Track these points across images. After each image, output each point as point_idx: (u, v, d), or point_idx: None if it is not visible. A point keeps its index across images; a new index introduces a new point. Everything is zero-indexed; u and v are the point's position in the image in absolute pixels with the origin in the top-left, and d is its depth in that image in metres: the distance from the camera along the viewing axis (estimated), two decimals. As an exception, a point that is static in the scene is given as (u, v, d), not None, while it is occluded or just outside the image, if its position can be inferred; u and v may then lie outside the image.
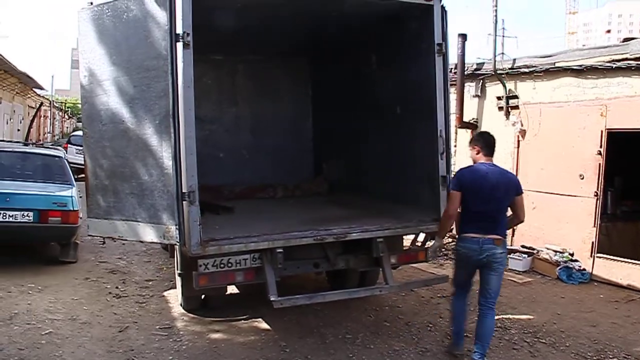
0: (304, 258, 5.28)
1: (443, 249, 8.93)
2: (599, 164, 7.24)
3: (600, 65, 7.36)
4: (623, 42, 7.59)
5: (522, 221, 4.94)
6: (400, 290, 5.76)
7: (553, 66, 7.91)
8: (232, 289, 6.54)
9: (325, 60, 7.81)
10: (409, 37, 5.72)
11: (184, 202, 4.44)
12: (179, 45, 4.37)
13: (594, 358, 5.07)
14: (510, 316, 6.03)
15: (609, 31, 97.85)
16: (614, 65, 7.21)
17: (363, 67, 6.71)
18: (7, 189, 6.95)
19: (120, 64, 4.71)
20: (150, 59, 4.51)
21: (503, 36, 9.25)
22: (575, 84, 7.72)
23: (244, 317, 5.85)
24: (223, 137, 7.89)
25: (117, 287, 6.72)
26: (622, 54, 7.20)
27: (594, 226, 7.25)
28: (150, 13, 4.50)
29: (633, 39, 7.45)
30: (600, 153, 7.27)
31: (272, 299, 4.77)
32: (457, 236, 4.94)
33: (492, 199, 4.72)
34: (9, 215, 6.71)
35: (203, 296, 5.95)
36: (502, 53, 10.09)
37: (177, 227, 4.48)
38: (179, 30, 4.36)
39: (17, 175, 7.60)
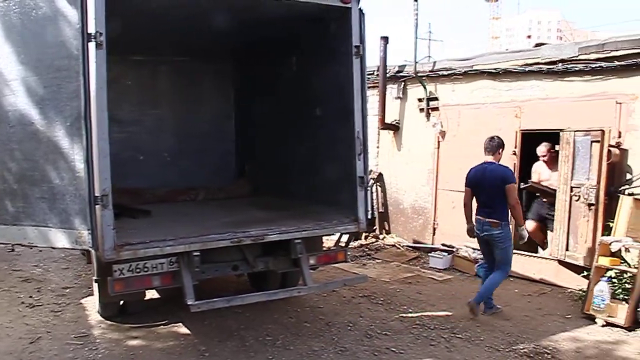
0: (223, 261, 5.35)
1: (366, 249, 9.23)
2: (514, 164, 7.65)
3: (514, 69, 7.80)
4: (535, 47, 8.06)
5: (512, 206, 6.06)
6: (319, 290, 5.92)
7: (471, 69, 8.31)
8: (153, 294, 6.55)
9: (248, 62, 7.88)
10: (327, 39, 5.88)
11: (96, 206, 4.41)
12: (91, 45, 4.35)
13: (506, 350, 5.37)
14: (429, 313, 6.29)
15: (529, 37, 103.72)
16: (527, 69, 7.66)
17: (285, 68, 6.84)
18: None
19: (29, 64, 4.63)
20: (61, 59, 4.45)
21: (430, 40, 9.64)
22: (491, 86, 8.14)
23: (164, 322, 5.86)
24: (144, 139, 7.84)
25: (31, 297, 6.57)
26: (534, 58, 7.65)
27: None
28: (61, 11, 4.44)
29: (544, 44, 7.95)
30: (515, 153, 7.69)
31: (189, 303, 4.81)
32: None
33: (485, 190, 6.12)
34: None
35: (122, 302, 5.94)
36: (429, 56, 10.53)
37: (90, 231, 4.45)
38: (91, 29, 4.32)
39: None
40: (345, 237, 9.39)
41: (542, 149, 7.55)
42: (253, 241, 5.18)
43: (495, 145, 6.29)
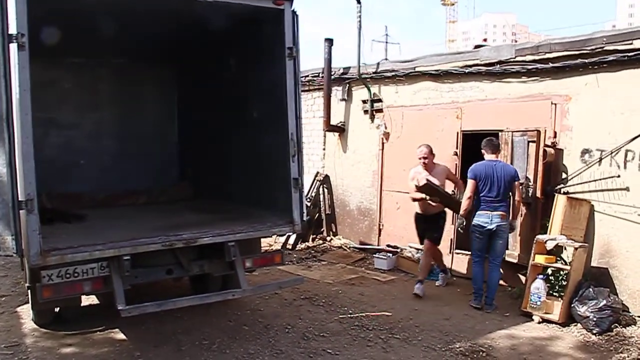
0: (157, 265, 5.38)
1: (313, 251, 9.34)
2: (456, 164, 7.85)
3: (455, 70, 8.00)
4: (475, 48, 8.28)
5: (519, 202, 6.80)
6: (254, 293, 5.98)
7: (414, 71, 8.48)
8: (93, 299, 6.52)
9: (188, 64, 7.94)
10: (262, 41, 5.98)
11: (21, 210, 4.41)
12: (13, 46, 4.31)
13: (443, 349, 5.50)
14: (369, 314, 6.39)
15: (485, 40, 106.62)
16: (467, 71, 7.86)
17: (223, 70, 6.91)
18: None
19: (-53, 66, 4.57)
20: (-19, 62, 4.42)
21: (387, 42, 9.81)
22: (433, 87, 8.32)
23: (100, 328, 5.83)
24: (84, 143, 7.83)
25: (-39, 305, 6.47)
26: (473, 59, 7.85)
27: (452, 224, 7.83)
28: (-20, 13, 4.42)
29: (483, 46, 8.18)
30: (456, 154, 7.88)
31: (119, 307, 4.83)
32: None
33: (496, 185, 6.67)
34: None
35: (57, 309, 5.90)
36: (386, 59, 10.70)
37: (14, 237, 4.44)
38: (12, 30, 4.30)
39: None
40: (292, 239, 9.61)
41: (423, 150, 7.22)
42: (185, 244, 5.22)
43: (496, 145, 6.93)
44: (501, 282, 7.40)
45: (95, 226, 5.88)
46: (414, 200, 7.37)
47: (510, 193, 6.72)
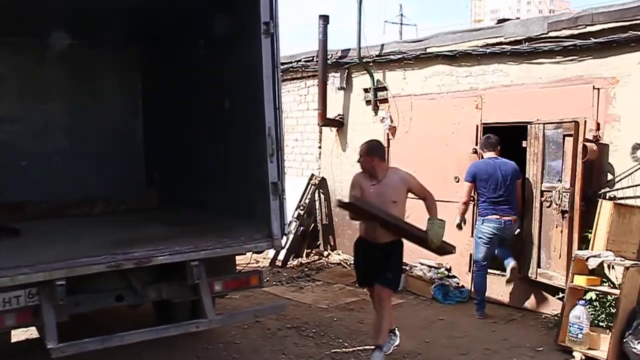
0: (103, 290, 4.93)
1: (306, 269, 8.91)
2: (476, 164, 7.37)
3: (474, 51, 7.55)
4: (498, 23, 7.80)
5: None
6: (223, 324, 5.51)
7: (424, 52, 8.04)
8: (31, 333, 6.08)
9: (156, 48, 7.55)
10: (233, 15, 5.57)
11: None
12: None
13: (458, 395, 5.08)
14: (368, 347, 5.91)
15: (518, 18, 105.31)
16: (488, 51, 7.41)
17: (192, 55, 6.52)
18: None
19: None
20: None
21: (401, 24, 9.39)
22: (448, 72, 7.90)
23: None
24: (28, 142, 7.42)
25: None
26: (496, 37, 7.40)
27: (472, 236, 7.36)
28: None
29: (507, 20, 7.69)
30: (475, 151, 7.42)
31: (49, 346, 4.36)
32: None
33: (500, 185, 6.73)
34: None
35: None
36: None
37: None
38: None
39: None
40: (282, 255, 9.17)
41: (361, 148, 5.82)
42: (136, 265, 4.77)
43: (494, 142, 6.90)
44: (532, 307, 6.94)
45: (28, 243, 5.43)
46: (352, 218, 6.12)
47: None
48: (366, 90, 8.89)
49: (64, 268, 4.52)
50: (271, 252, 9.35)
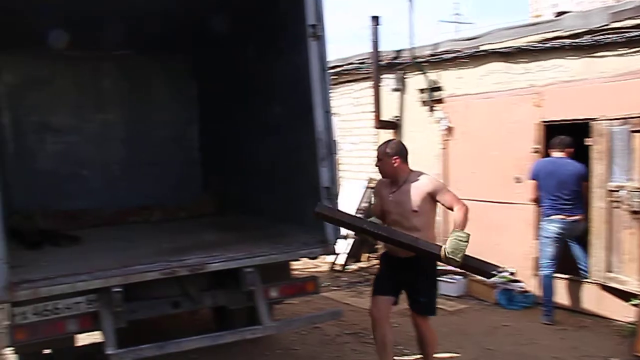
0: (159, 297, 4.98)
1: (366, 274, 8.78)
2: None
3: (530, 46, 7.28)
4: (557, 16, 7.52)
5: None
6: (278, 331, 5.47)
7: (478, 50, 7.83)
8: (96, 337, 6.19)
9: (210, 54, 7.58)
10: (282, 19, 5.58)
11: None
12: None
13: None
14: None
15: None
16: (546, 46, 7.13)
17: (244, 60, 6.54)
18: None
19: None
20: None
21: (457, 22, 9.21)
22: (503, 69, 7.64)
23: (97, 374, 5.48)
24: (87, 151, 7.58)
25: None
26: (554, 31, 7.11)
27: (536, 238, 7.10)
28: None
29: (566, 12, 7.41)
30: (537, 151, 7.17)
31: (108, 352, 4.43)
32: None
33: (562, 184, 6.61)
34: None
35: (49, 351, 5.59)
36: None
37: (-27, 269, 4.12)
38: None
39: None
40: (342, 259, 9.10)
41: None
42: (190, 272, 4.79)
43: (562, 142, 6.77)
44: (603, 313, 6.65)
45: (87, 250, 5.55)
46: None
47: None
48: (421, 91, 8.71)
49: (119, 275, 4.58)
50: (331, 257, 9.33)
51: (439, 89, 8.51)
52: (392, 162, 4.74)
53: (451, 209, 4.64)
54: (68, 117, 7.52)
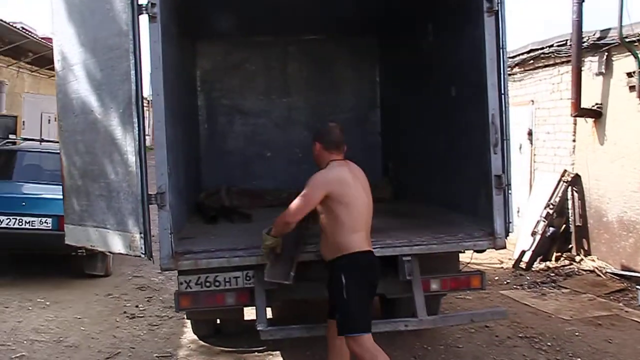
0: (316, 279, 4.86)
1: (552, 274, 8.05)
2: None
3: None
4: None
5: None
6: (435, 325, 5.07)
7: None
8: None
9: (391, 35, 7.38)
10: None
11: (150, 205, 4.33)
12: (143, 18, 4.27)
13: None
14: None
15: None
16: None
17: (421, 39, 6.24)
18: (24, 192, 7.34)
19: (88, 45, 4.66)
20: (113, 36, 4.38)
21: None
22: None
23: (261, 348, 5.59)
24: (272, 134, 7.80)
25: (137, 306, 6.82)
26: None
27: None
28: (111, -20, 4.42)
29: None
30: None
31: (259, 328, 4.49)
32: None
33: None
34: (25, 222, 7.11)
35: (218, 321, 5.87)
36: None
37: (142, 235, 4.35)
38: (142, 0, 4.23)
39: (38, 178, 8.04)
40: (527, 256, 8.44)
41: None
42: (345, 256, 4.66)
43: None
44: None
45: (253, 228, 5.61)
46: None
47: None
48: (630, 75, 7.65)
49: (273, 255, 4.61)
50: (516, 253, 8.73)
51: (651, 72, 7.42)
52: (314, 147, 4.58)
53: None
54: (256, 101, 7.78)
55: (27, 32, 11.80)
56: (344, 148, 4.58)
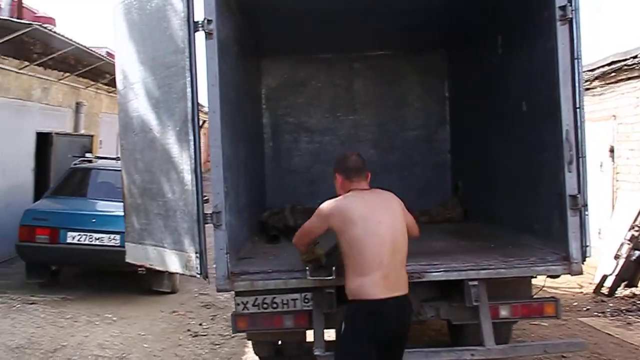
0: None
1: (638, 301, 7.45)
2: None
3: None
4: None
5: None
6: (505, 355, 4.69)
7: None
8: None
9: (460, 50, 7.10)
10: (528, 3, 4.86)
11: (206, 225, 4.21)
12: (199, 35, 4.20)
13: None
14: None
15: None
16: None
17: (491, 53, 5.91)
18: (95, 209, 7.42)
19: (147, 63, 4.63)
20: (170, 54, 4.33)
21: None
22: None
23: (321, 373, 5.38)
24: (338, 151, 7.51)
25: (200, 324, 6.77)
26: None
27: None
28: (169, -1, 4.38)
29: None
30: None
31: (316, 353, 4.28)
32: None
33: None
34: (95, 238, 7.19)
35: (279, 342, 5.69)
36: None
37: (197, 255, 4.23)
38: (198, 17, 4.17)
39: (110, 195, 8.09)
40: (610, 281, 7.87)
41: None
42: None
43: None
44: None
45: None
46: None
47: None
48: None
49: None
50: (597, 277, 8.17)
51: None
52: (334, 178, 4.37)
53: None
54: (321, 119, 7.62)
55: (103, 56, 12.11)
56: (367, 175, 4.20)
